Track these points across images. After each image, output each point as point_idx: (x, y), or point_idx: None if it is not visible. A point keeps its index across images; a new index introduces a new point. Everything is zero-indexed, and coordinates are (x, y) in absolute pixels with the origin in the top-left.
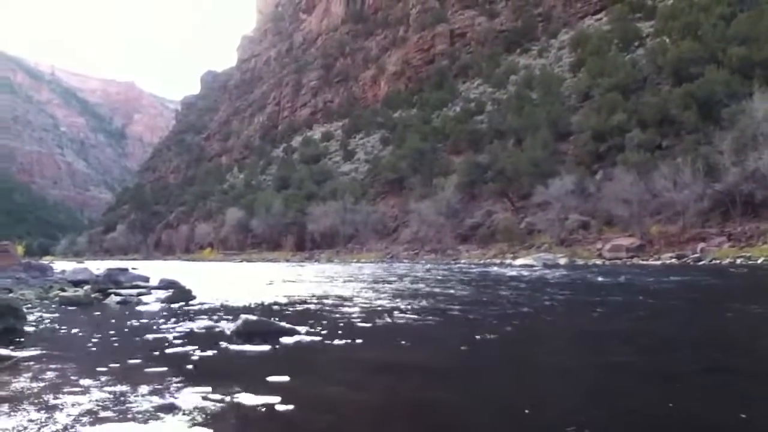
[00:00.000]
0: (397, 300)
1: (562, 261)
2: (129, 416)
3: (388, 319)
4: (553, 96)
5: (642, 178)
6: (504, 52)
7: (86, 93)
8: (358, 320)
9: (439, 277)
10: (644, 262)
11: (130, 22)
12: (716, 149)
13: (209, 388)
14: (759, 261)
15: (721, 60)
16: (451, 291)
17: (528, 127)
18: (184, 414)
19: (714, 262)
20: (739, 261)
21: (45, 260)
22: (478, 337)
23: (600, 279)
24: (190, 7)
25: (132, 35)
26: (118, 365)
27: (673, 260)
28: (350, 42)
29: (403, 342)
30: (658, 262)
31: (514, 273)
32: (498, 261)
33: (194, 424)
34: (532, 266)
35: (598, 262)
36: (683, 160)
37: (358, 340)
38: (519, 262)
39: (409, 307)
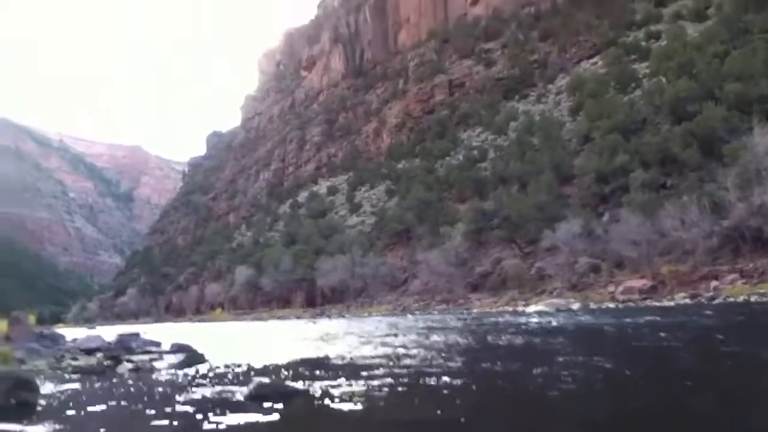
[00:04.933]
0: (414, 355)
1: (575, 306)
2: None
3: (406, 378)
4: (554, 140)
5: (649, 219)
6: (503, 99)
7: (93, 158)
8: (375, 379)
9: (453, 328)
10: (658, 304)
11: (135, 89)
12: (721, 186)
13: None
14: None
15: (718, 97)
16: (469, 343)
17: (531, 172)
18: None
19: (729, 300)
20: (753, 298)
21: (57, 328)
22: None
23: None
24: (193, 70)
25: (139, 101)
26: None
27: (687, 300)
28: (351, 96)
29: (424, 402)
30: (672, 303)
31: (532, 320)
32: (510, 309)
33: None
34: (546, 312)
35: (612, 305)
36: (689, 198)
37: (376, 401)
38: (532, 308)
39: (427, 362)
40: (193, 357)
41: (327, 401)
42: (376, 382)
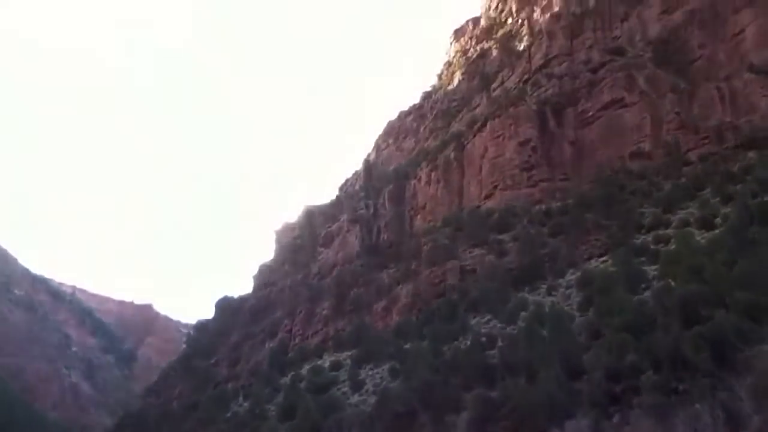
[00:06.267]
0: None
1: None
2: None
3: None
4: (564, 333)
5: (660, 424)
6: (513, 288)
7: (102, 314)
8: None
9: None
10: None
11: (149, 248)
12: (735, 395)
13: None
14: None
15: (729, 303)
16: None
17: (540, 363)
18: None
19: None
20: None
21: None
22: None
23: None
24: (210, 234)
25: (154, 262)
26: None
27: None
28: (364, 273)
29: None
30: None
31: None
32: None
33: None
34: None
35: None
36: (701, 406)
37: None
38: None
39: None
40: None
41: None
42: None
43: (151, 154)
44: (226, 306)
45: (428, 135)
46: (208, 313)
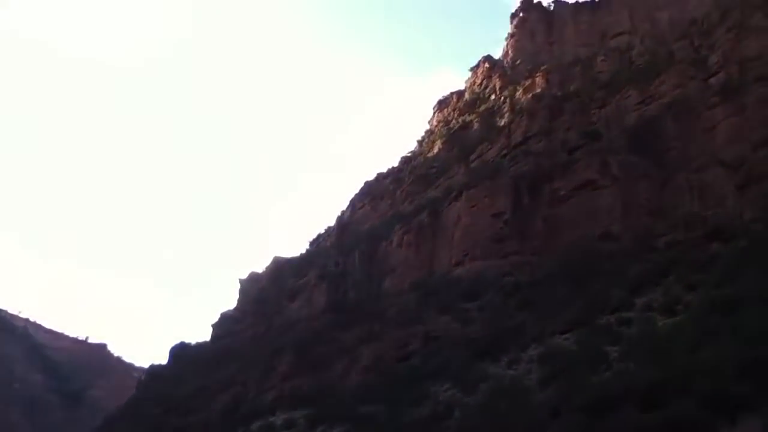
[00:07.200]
0: None
1: None
2: None
3: None
4: (523, 409)
5: None
6: (475, 358)
7: (54, 351)
8: None
9: None
10: None
11: (110, 284)
12: None
13: None
14: None
15: (689, 390)
16: None
17: None
18: None
19: None
20: None
21: None
22: None
23: None
24: (170, 282)
25: (108, 301)
26: None
27: None
28: (327, 332)
29: None
30: None
31: None
32: None
33: None
34: None
35: None
36: None
37: None
38: None
39: None
40: None
41: None
42: None
43: (119, 193)
44: (182, 353)
45: (404, 199)
46: (163, 358)
